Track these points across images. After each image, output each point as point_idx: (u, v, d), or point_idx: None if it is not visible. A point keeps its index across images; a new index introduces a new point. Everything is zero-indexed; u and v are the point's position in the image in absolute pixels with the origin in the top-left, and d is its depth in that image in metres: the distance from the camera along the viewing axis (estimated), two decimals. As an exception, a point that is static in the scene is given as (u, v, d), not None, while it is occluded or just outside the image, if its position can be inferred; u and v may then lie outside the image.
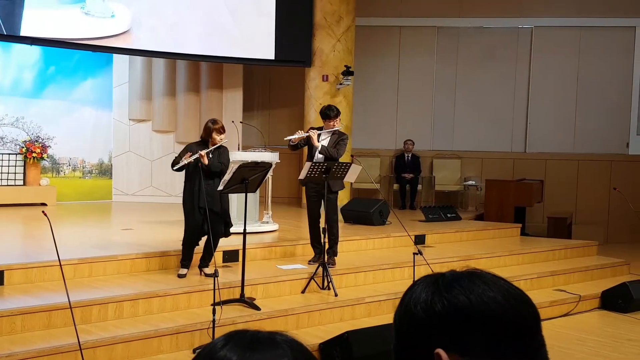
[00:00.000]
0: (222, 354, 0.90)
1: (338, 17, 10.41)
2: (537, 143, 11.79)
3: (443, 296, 1.01)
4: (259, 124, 11.39)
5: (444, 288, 1.02)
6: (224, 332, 0.97)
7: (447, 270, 1.09)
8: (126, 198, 11.00)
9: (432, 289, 1.03)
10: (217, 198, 5.73)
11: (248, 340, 0.92)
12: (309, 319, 5.59)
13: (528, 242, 9.04)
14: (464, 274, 1.05)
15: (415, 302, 1.03)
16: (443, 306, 1.00)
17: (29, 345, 4.40)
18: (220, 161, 5.82)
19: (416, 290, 1.05)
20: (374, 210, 8.74)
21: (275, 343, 0.93)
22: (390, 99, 12.06)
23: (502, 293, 1.01)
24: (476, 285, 1.02)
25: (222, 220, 5.83)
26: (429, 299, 1.02)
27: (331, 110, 6.54)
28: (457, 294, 1.01)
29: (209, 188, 5.71)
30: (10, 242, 7.36)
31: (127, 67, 10.96)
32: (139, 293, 5.27)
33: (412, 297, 1.04)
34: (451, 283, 1.03)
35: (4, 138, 9.97)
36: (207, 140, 5.85)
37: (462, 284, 1.02)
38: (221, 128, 5.89)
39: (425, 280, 1.06)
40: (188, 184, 5.82)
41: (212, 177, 5.77)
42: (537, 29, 11.79)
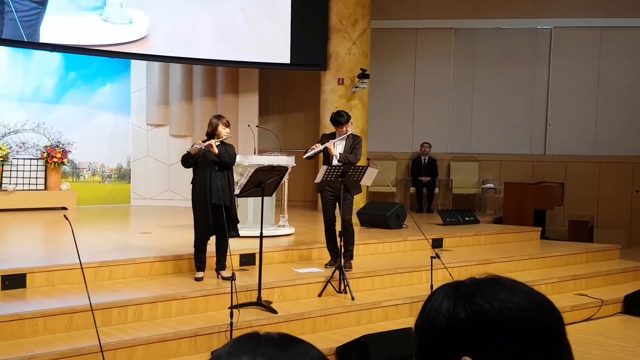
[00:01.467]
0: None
1: (354, 20, 10.43)
2: (557, 145, 11.68)
3: (466, 304, 1.01)
4: (275, 127, 11.43)
5: (466, 296, 1.02)
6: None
7: (465, 274, 1.10)
8: (144, 202, 11.10)
9: (453, 298, 1.03)
10: (227, 193, 5.77)
11: (278, 343, 0.92)
12: (325, 322, 5.60)
13: (548, 245, 8.93)
14: (485, 280, 1.05)
15: (436, 311, 1.03)
16: (467, 314, 1.00)
17: (51, 347, 4.46)
18: (229, 153, 5.87)
19: (436, 299, 1.05)
20: (390, 214, 8.73)
21: (300, 340, 0.94)
22: (407, 101, 12.03)
23: (525, 299, 1.01)
24: (498, 291, 1.01)
25: (231, 217, 5.85)
26: (451, 307, 1.02)
27: (341, 116, 6.53)
28: (480, 302, 1.00)
29: (220, 183, 5.77)
30: (32, 245, 7.46)
31: (144, 72, 11.08)
32: (158, 296, 5.31)
33: (433, 307, 1.04)
34: (473, 290, 1.03)
35: (25, 143, 10.11)
36: (212, 135, 5.90)
37: (485, 291, 1.02)
38: (226, 122, 5.94)
39: (444, 289, 1.06)
40: (198, 181, 5.85)
41: (221, 170, 5.81)
42: (556, 30, 11.70)
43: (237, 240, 6.27)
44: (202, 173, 5.81)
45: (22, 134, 10.11)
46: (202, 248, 5.90)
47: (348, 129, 6.53)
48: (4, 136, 9.90)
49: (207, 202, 5.76)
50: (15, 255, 6.39)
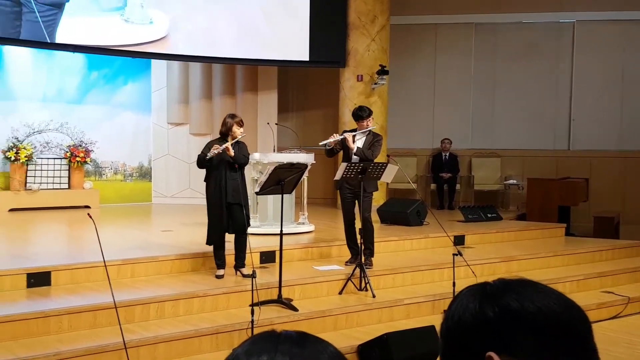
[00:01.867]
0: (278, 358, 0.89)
1: (372, 16, 10.39)
2: (582, 140, 11.53)
3: (494, 302, 1.02)
4: (294, 125, 11.43)
5: (493, 295, 1.03)
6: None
7: (488, 272, 1.11)
8: (165, 200, 11.18)
9: (480, 297, 1.04)
10: (241, 192, 5.80)
11: (296, 341, 0.92)
12: (346, 320, 5.58)
13: (573, 242, 8.82)
14: (514, 281, 1.06)
15: (464, 310, 1.04)
16: (494, 312, 1.01)
17: (76, 344, 4.51)
18: (243, 154, 5.90)
19: (462, 300, 1.06)
20: (411, 211, 8.68)
21: (317, 338, 0.94)
22: (427, 97, 11.96)
23: (555, 300, 1.02)
24: (527, 291, 1.02)
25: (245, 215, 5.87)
26: (478, 306, 1.03)
27: (363, 110, 6.53)
28: (508, 299, 1.01)
29: (234, 183, 5.80)
30: (57, 244, 7.56)
31: (165, 71, 11.15)
32: (180, 293, 5.35)
33: (461, 305, 1.05)
34: (501, 289, 1.04)
35: (49, 143, 10.24)
36: (226, 134, 5.92)
37: (513, 289, 1.03)
38: (240, 121, 5.96)
39: (470, 289, 1.07)
40: (212, 180, 5.89)
41: (235, 170, 5.84)
42: (579, 24, 11.54)
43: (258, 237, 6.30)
44: (217, 172, 5.84)
45: (46, 133, 10.23)
46: (220, 246, 5.93)
47: (369, 124, 6.51)
48: (28, 136, 10.03)
49: (222, 201, 5.79)
50: (40, 254, 6.49)
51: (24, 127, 9.99)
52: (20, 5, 8.29)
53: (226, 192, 5.79)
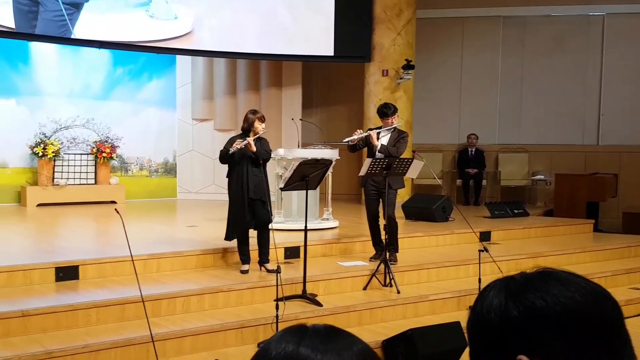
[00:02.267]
0: (303, 352, 0.89)
1: (398, 10, 10.30)
2: (611, 135, 11.34)
3: (517, 301, 0.98)
4: (318, 120, 11.41)
5: (517, 292, 0.99)
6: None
7: (514, 268, 1.06)
8: (190, 196, 11.25)
9: (504, 294, 1.00)
10: (263, 188, 5.81)
11: (322, 334, 0.92)
12: (371, 315, 5.56)
13: (602, 238, 8.70)
14: (536, 275, 1.01)
15: (488, 308, 1.00)
16: (519, 311, 0.97)
17: (104, 337, 4.56)
18: (265, 150, 5.89)
19: (488, 296, 1.02)
20: (436, 207, 8.61)
21: (346, 333, 0.94)
22: (453, 92, 11.85)
23: (580, 291, 0.97)
24: (551, 285, 0.97)
25: (266, 210, 5.87)
26: (503, 304, 0.98)
27: (388, 107, 6.49)
28: (532, 298, 0.97)
29: (256, 178, 5.80)
30: (84, 238, 7.66)
31: (189, 67, 11.21)
32: (205, 288, 5.37)
33: (485, 304, 1.01)
34: (524, 286, 0.99)
35: (76, 139, 10.36)
36: (248, 130, 5.92)
37: (536, 286, 0.98)
38: (262, 117, 5.96)
39: (496, 285, 1.03)
40: (234, 176, 5.90)
41: (257, 166, 5.85)
42: (609, 16, 11.33)
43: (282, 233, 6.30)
44: (239, 168, 5.85)
45: (73, 129, 10.36)
46: (243, 241, 5.94)
47: (394, 121, 6.46)
48: (55, 132, 10.16)
49: (244, 197, 5.80)
50: (68, 248, 6.57)
51: (51, 123, 10.12)
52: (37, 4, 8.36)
53: (248, 188, 5.80)
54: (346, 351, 0.89)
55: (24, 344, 4.36)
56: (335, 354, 0.88)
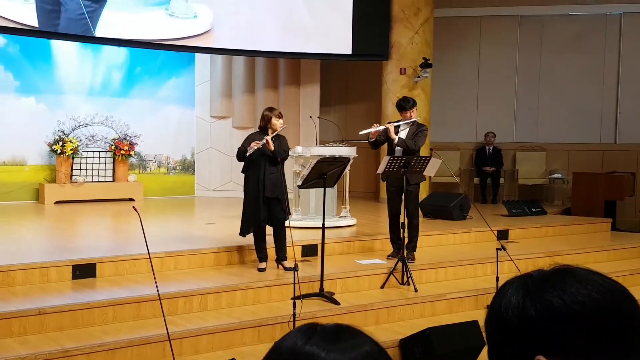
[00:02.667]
0: (308, 350, 0.91)
1: (416, 9, 10.26)
2: (628, 134, 11.23)
3: (535, 300, 0.96)
4: (336, 118, 11.40)
5: (534, 290, 0.98)
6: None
7: (532, 267, 1.04)
8: (208, 193, 11.30)
9: (522, 292, 0.99)
10: (280, 186, 5.80)
11: (331, 333, 0.93)
12: (388, 314, 5.55)
13: (619, 237, 8.64)
14: (553, 272, 1.00)
15: (506, 307, 0.99)
16: (536, 310, 0.96)
17: (120, 335, 4.59)
18: (283, 149, 5.89)
19: (506, 294, 1.01)
20: (454, 205, 8.58)
21: (355, 333, 0.94)
22: (470, 90, 11.79)
23: (597, 288, 0.96)
24: (568, 283, 0.96)
25: (282, 209, 5.87)
26: (520, 303, 0.98)
27: (407, 101, 6.48)
28: (550, 296, 0.96)
29: (273, 177, 5.80)
30: (102, 236, 7.71)
31: (208, 65, 11.25)
32: (222, 286, 5.39)
33: (503, 302, 1.00)
34: (541, 284, 0.98)
35: (94, 136, 10.44)
36: (266, 128, 5.91)
37: (554, 284, 0.97)
38: (279, 113, 5.95)
39: (514, 283, 1.02)
40: (251, 174, 5.89)
41: (275, 164, 5.84)
42: (626, 15, 11.21)
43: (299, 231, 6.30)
44: (256, 166, 5.85)
45: (92, 127, 10.44)
46: (260, 238, 5.95)
47: (412, 114, 6.45)
48: (74, 129, 10.24)
49: (259, 195, 5.80)
50: (85, 246, 6.63)
51: (70, 121, 10.20)
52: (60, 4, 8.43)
53: (264, 186, 5.80)
54: (351, 352, 0.91)
55: (40, 342, 4.39)
56: (340, 354, 0.90)
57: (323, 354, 0.90)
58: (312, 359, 0.90)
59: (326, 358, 0.89)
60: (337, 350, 0.90)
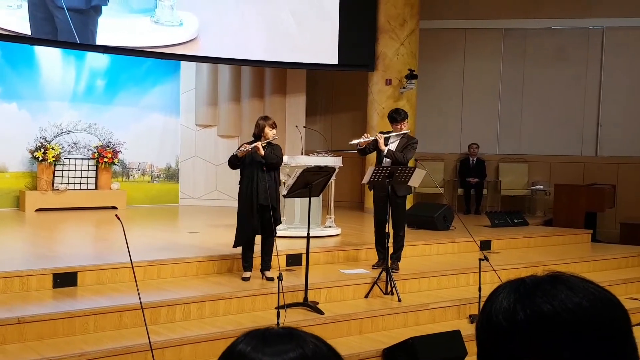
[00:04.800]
0: (239, 348, 0.94)
1: (402, 20, 10.34)
2: (609, 146, 11.38)
3: (525, 305, 0.96)
4: (322, 128, 11.43)
5: (526, 296, 0.97)
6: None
7: (514, 277, 1.04)
8: (192, 202, 11.25)
9: (514, 297, 0.98)
10: (274, 193, 5.80)
11: (262, 334, 0.95)
12: (372, 324, 5.55)
13: (599, 248, 8.74)
14: (546, 279, 1.00)
15: (497, 311, 0.99)
16: (526, 315, 0.95)
17: (101, 345, 4.53)
18: (275, 154, 5.89)
19: (498, 298, 1.01)
20: (437, 215, 8.62)
21: (292, 337, 0.95)
22: (455, 102, 11.89)
23: (588, 297, 0.96)
24: (559, 290, 0.96)
25: (274, 217, 5.86)
26: (511, 307, 0.97)
27: (398, 113, 6.51)
28: (540, 302, 0.96)
29: (266, 184, 5.79)
30: (83, 244, 7.64)
31: (194, 73, 11.23)
32: (206, 295, 5.36)
33: (494, 306, 1.00)
34: (533, 290, 0.98)
35: (77, 143, 10.36)
36: (259, 136, 5.93)
37: (545, 290, 0.97)
38: (273, 123, 5.97)
39: (507, 287, 1.01)
40: (244, 181, 5.89)
41: (268, 171, 5.83)
42: (608, 30, 11.38)
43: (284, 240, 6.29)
44: (249, 174, 5.84)
45: (74, 134, 10.35)
46: (248, 247, 5.93)
47: (403, 127, 6.48)
48: (56, 136, 10.16)
49: (253, 203, 5.79)
50: (66, 254, 6.56)
51: (52, 127, 10.11)
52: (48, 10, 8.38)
53: (257, 194, 5.78)
54: (283, 356, 0.91)
55: (19, 352, 4.33)
56: (275, 356, 0.91)
57: (259, 355, 0.91)
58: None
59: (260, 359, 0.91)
60: (273, 354, 0.91)
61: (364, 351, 5.01)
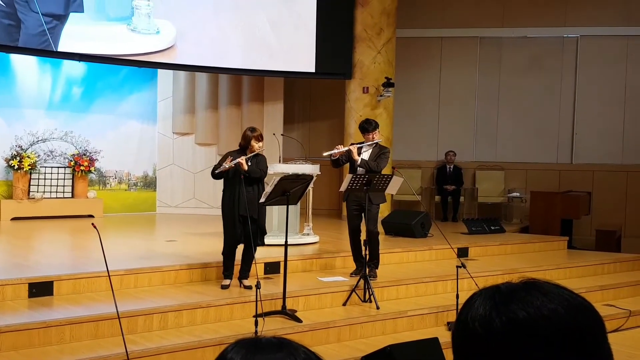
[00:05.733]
0: (229, 357, 0.94)
1: (379, 29, 10.43)
2: (584, 154, 11.54)
3: (500, 311, 0.97)
4: (300, 136, 11.45)
5: (501, 303, 0.98)
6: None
7: (491, 284, 1.05)
8: (170, 210, 11.18)
9: (489, 304, 0.99)
10: (256, 205, 5.79)
11: (253, 343, 0.95)
12: (350, 331, 5.57)
13: (575, 255, 8.84)
14: (521, 285, 1.01)
15: (473, 318, 0.99)
16: (501, 322, 0.96)
17: (78, 354, 4.49)
18: (260, 168, 5.90)
19: (474, 305, 1.01)
20: (415, 222, 8.68)
21: (282, 346, 0.95)
22: (432, 110, 11.99)
23: (563, 304, 0.96)
24: (534, 297, 0.97)
25: (259, 229, 5.88)
26: (487, 314, 0.98)
27: (369, 124, 6.54)
28: (515, 309, 0.96)
29: (249, 195, 5.79)
30: (59, 253, 7.55)
31: (171, 81, 11.19)
32: (183, 304, 5.33)
33: (470, 313, 1.00)
34: (508, 297, 0.98)
35: (53, 152, 10.25)
36: (245, 147, 5.94)
37: (520, 297, 0.98)
38: (259, 136, 5.98)
39: (482, 294, 1.02)
40: (228, 192, 5.90)
41: (251, 183, 5.84)
42: (582, 39, 11.57)
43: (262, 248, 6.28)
44: (232, 185, 5.85)
45: (50, 142, 10.25)
46: (230, 256, 5.93)
47: (375, 136, 6.52)
48: (32, 144, 10.05)
49: (234, 213, 5.79)
50: (42, 263, 6.48)
51: (28, 136, 10.01)
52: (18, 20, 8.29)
53: (239, 205, 5.78)
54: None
55: (-5, 362, 4.29)
56: None
57: None
58: None
59: None
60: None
61: (342, 359, 5.02)
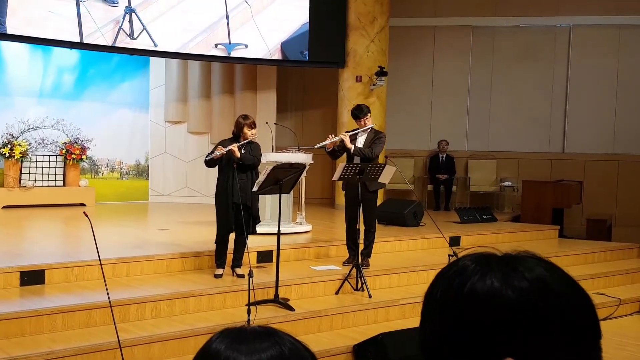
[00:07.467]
0: (214, 346, 0.93)
1: (372, 17, 10.39)
2: (576, 143, 11.58)
3: (514, 286, 0.88)
4: (293, 125, 11.43)
5: (513, 275, 0.89)
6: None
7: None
8: (162, 199, 11.16)
9: (500, 274, 0.90)
10: (249, 192, 5.79)
11: (238, 333, 0.95)
12: (342, 320, 5.59)
13: (566, 244, 8.89)
14: (526, 258, 0.94)
15: (488, 291, 0.89)
16: (519, 297, 0.88)
17: (70, 343, 4.49)
18: (253, 155, 5.88)
19: (467, 270, 0.93)
20: (407, 212, 8.69)
21: (268, 336, 0.94)
22: (425, 99, 11.98)
23: (559, 273, 0.95)
24: (540, 269, 0.93)
25: (252, 216, 5.87)
26: (498, 286, 0.89)
27: (359, 110, 6.51)
28: (528, 290, 0.89)
29: (242, 183, 5.79)
30: (51, 241, 7.53)
31: (163, 69, 11.12)
32: (176, 293, 5.33)
33: (469, 279, 0.91)
34: (514, 265, 0.91)
35: (44, 140, 10.20)
36: (238, 135, 5.93)
37: (525, 266, 0.91)
38: (252, 123, 5.96)
39: (478, 261, 0.93)
40: (221, 180, 5.89)
41: (244, 171, 5.83)
42: (575, 28, 11.58)
43: (255, 237, 6.28)
44: (225, 172, 5.84)
45: (42, 130, 10.19)
46: (223, 244, 5.92)
47: (367, 122, 6.49)
48: (23, 133, 9.98)
49: (228, 201, 5.78)
50: (34, 252, 6.46)
51: (19, 124, 9.94)
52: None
53: (232, 192, 5.77)
54: (258, 354, 0.91)
55: (-13, 351, 4.28)
56: (249, 355, 0.91)
57: (235, 354, 0.91)
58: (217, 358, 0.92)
59: (235, 358, 0.91)
60: (248, 352, 0.91)
61: (335, 347, 5.04)
